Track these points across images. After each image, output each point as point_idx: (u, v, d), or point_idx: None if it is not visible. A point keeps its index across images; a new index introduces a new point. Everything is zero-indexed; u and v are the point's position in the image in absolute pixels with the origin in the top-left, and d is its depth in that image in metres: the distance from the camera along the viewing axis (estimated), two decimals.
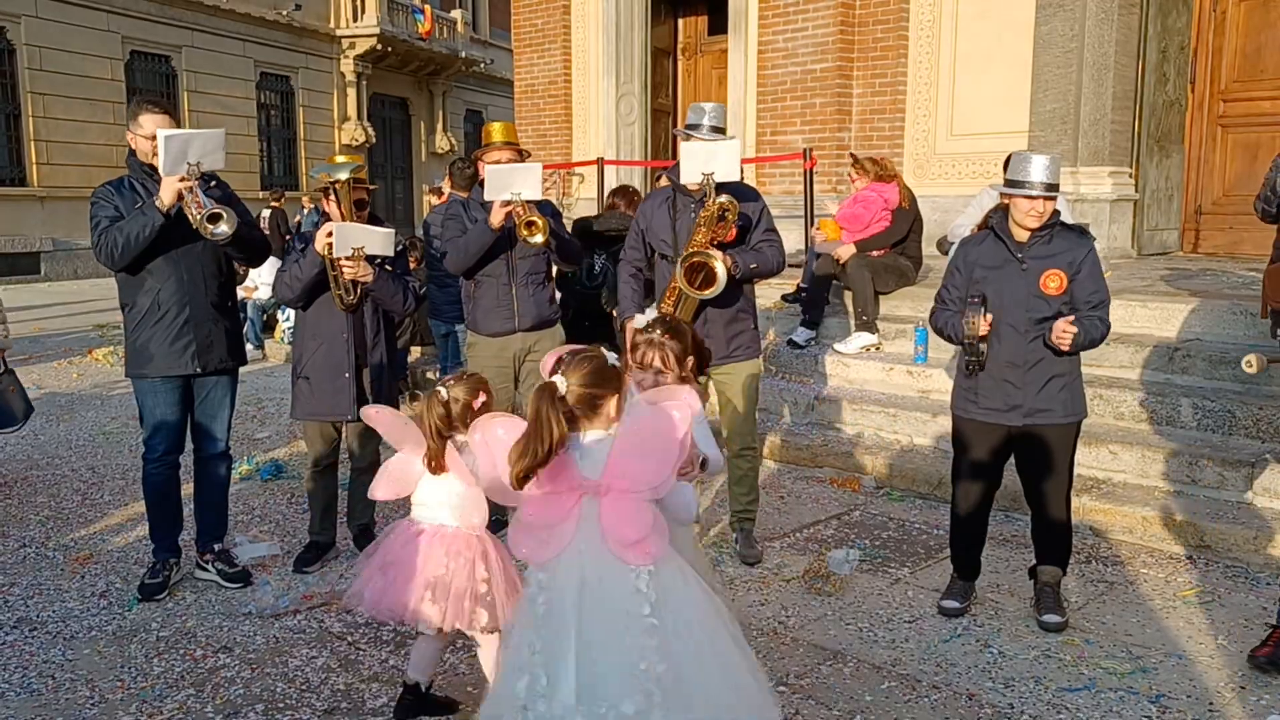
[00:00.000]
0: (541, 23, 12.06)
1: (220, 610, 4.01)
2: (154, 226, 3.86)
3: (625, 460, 2.33)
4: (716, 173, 4.13)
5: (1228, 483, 4.77)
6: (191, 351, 4.07)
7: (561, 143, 12.01)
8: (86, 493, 5.57)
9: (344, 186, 4.20)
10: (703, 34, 11.69)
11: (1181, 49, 8.23)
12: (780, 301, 7.52)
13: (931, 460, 5.52)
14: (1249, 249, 8.01)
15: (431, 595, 2.96)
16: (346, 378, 4.30)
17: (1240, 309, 5.74)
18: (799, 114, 9.55)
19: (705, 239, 4.15)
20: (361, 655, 3.61)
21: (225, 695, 3.34)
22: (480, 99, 28.92)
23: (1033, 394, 3.72)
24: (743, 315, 4.43)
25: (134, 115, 4.00)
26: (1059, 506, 3.85)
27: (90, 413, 7.59)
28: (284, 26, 22.05)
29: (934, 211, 7.82)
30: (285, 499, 5.46)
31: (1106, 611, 3.95)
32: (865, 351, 6.64)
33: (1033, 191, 3.63)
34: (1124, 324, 5.86)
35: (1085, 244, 3.77)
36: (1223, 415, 5.09)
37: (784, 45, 9.58)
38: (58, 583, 4.29)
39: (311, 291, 4.27)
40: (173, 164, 3.78)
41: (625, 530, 2.31)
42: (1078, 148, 7.95)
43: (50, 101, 17.46)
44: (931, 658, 3.58)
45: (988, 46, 8.64)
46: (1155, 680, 3.40)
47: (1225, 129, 8.26)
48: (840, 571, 4.28)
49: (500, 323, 4.67)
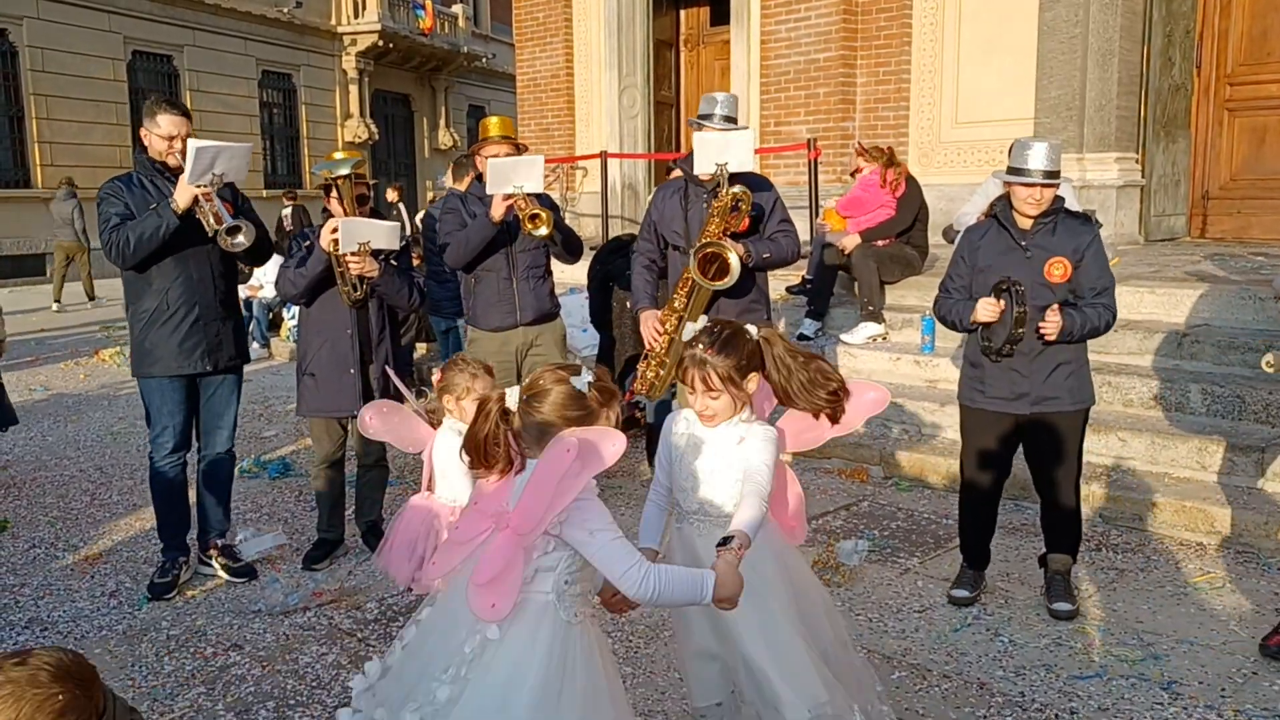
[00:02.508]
0: (543, 16, 12.04)
1: (230, 608, 4.02)
2: (169, 228, 3.88)
3: (526, 491, 2.04)
4: (730, 163, 4.12)
5: (1238, 468, 4.75)
6: (202, 350, 4.08)
7: (564, 136, 11.99)
8: (95, 493, 5.59)
9: (345, 182, 4.20)
10: (705, 25, 11.65)
11: (1187, 33, 8.18)
12: (785, 293, 7.50)
13: (940, 450, 5.50)
14: (1257, 233, 7.97)
15: (405, 557, 3.45)
16: (352, 374, 4.30)
17: (1249, 293, 5.71)
18: (803, 104, 9.52)
19: (719, 229, 4.14)
20: (372, 652, 3.61)
21: (236, 693, 3.34)
22: (483, 94, 28.89)
23: (1040, 382, 3.71)
24: (755, 306, 4.42)
25: (151, 114, 4.01)
26: (1068, 494, 3.84)
27: (98, 413, 7.60)
28: (285, 24, 22.04)
29: (939, 200, 7.79)
30: (293, 496, 5.47)
31: (1117, 599, 3.93)
32: (872, 342, 6.62)
33: (1032, 179, 3.60)
34: (1132, 310, 5.84)
35: (1089, 231, 3.74)
36: (1232, 401, 5.06)
37: (787, 35, 9.54)
38: (68, 583, 4.30)
39: (316, 288, 4.27)
40: (199, 174, 3.82)
41: (480, 571, 2.03)
42: (1083, 134, 7.90)
43: (53, 103, 17.49)
44: (942, 647, 3.57)
45: (991, 33, 8.59)
46: (1167, 667, 3.39)
47: (1232, 113, 8.20)
48: (849, 562, 4.28)
49: (501, 317, 4.66)
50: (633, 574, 2.02)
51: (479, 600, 2.01)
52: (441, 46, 25.58)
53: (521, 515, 2.01)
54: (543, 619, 2.07)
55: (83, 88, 17.90)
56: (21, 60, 17.10)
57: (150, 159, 4.04)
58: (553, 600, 2.08)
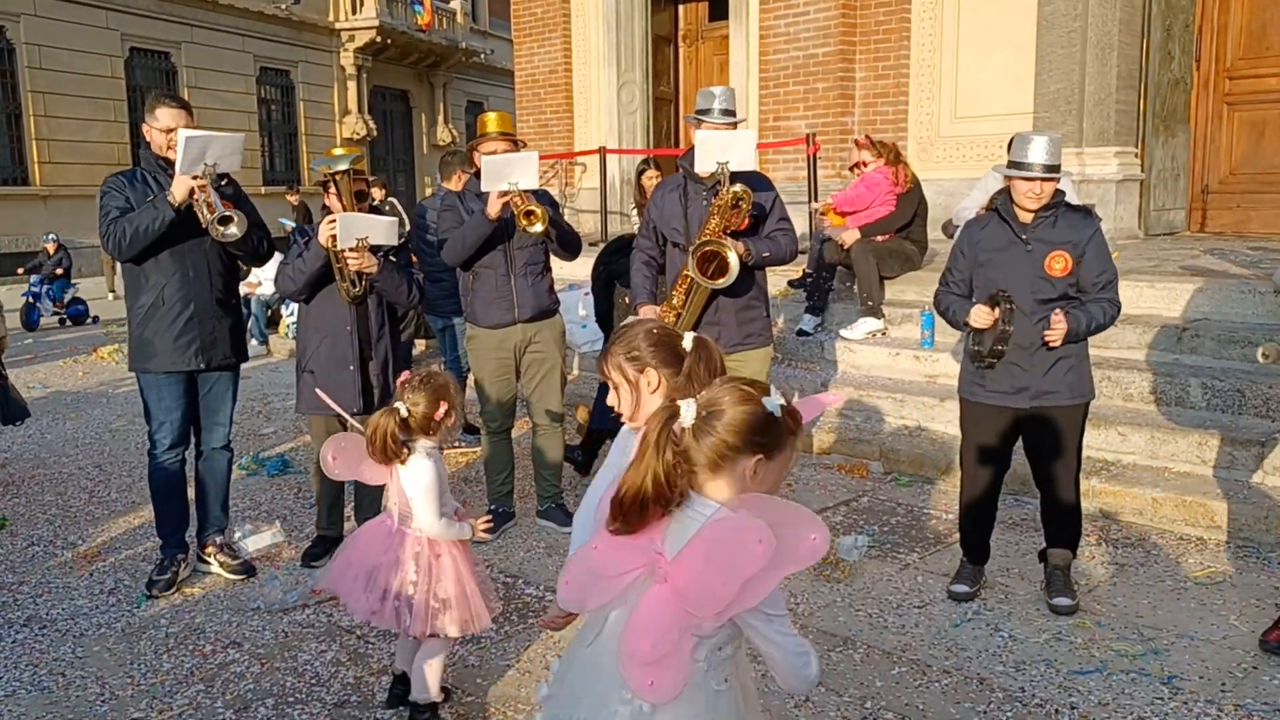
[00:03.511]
0: (541, 12, 12.02)
1: (229, 606, 4.01)
2: (165, 220, 3.87)
3: (696, 556, 1.71)
4: (732, 161, 4.10)
5: (1238, 462, 4.74)
6: (196, 347, 4.07)
7: (563, 132, 11.97)
8: (94, 490, 5.58)
9: (344, 178, 4.18)
10: (704, 20, 11.63)
11: (1186, 27, 8.16)
12: (787, 288, 7.50)
13: (939, 445, 5.50)
14: (1256, 227, 7.96)
15: (363, 586, 3.02)
16: (351, 370, 4.29)
17: (1248, 288, 5.70)
18: (801, 99, 9.50)
19: (718, 227, 4.12)
20: (370, 649, 3.61)
21: (235, 690, 3.34)
22: (481, 90, 28.86)
23: (1039, 376, 3.70)
24: (755, 303, 4.40)
25: (151, 109, 4.02)
26: (1068, 489, 3.83)
27: (96, 411, 7.60)
28: (283, 21, 22.01)
29: (939, 195, 7.78)
30: (292, 494, 5.46)
31: (1117, 594, 3.93)
32: (871, 337, 6.61)
33: (1031, 173, 3.60)
34: (1132, 305, 5.82)
35: (1090, 224, 3.73)
36: (1232, 395, 5.06)
37: (785, 30, 9.52)
38: (66, 580, 4.30)
39: (314, 285, 4.25)
40: (190, 164, 3.82)
41: (640, 640, 1.75)
42: (1083, 128, 7.89)
43: (51, 100, 17.46)
44: (942, 642, 3.56)
45: (990, 27, 8.58)
46: (1167, 662, 3.38)
47: (1231, 107, 8.19)
48: (849, 558, 4.27)
49: (500, 314, 4.65)
50: (801, 661, 1.78)
51: (637, 675, 1.75)
52: (440, 42, 25.55)
53: (692, 588, 1.71)
54: (696, 693, 1.82)
55: (80, 85, 17.88)
56: (19, 57, 17.07)
57: (154, 155, 4.05)
58: (703, 668, 1.82)
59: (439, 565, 3.03)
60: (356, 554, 3.10)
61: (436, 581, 3.01)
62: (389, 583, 3.00)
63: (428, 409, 3.01)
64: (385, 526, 3.10)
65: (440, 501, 3.03)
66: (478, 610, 3.05)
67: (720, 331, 4.19)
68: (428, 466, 3.01)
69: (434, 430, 3.05)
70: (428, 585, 3.00)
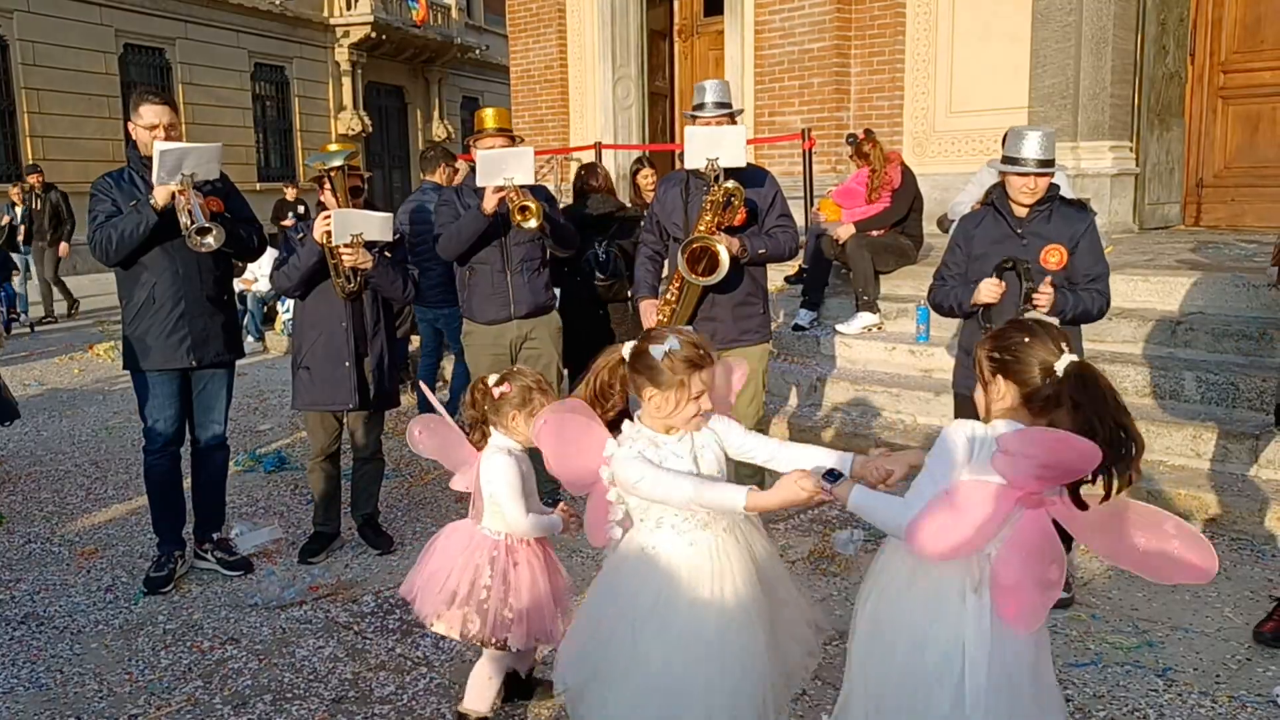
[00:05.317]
0: (536, 7, 12.00)
1: (226, 602, 4.02)
2: (149, 224, 3.86)
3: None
4: (721, 158, 4.09)
5: (1232, 455, 4.76)
6: (187, 345, 4.06)
7: (559, 128, 11.96)
8: (90, 487, 5.58)
9: (339, 174, 4.18)
10: (699, 15, 11.61)
11: (1181, 21, 8.17)
12: (783, 284, 7.50)
13: (935, 439, 5.49)
14: (1251, 221, 7.97)
15: (435, 589, 2.90)
16: (347, 367, 4.29)
17: (1243, 281, 5.71)
18: (797, 94, 9.50)
19: (710, 224, 4.11)
20: (368, 644, 3.62)
21: (233, 686, 3.34)
22: (476, 85, 28.79)
23: None
24: (752, 299, 4.37)
25: (134, 106, 4.00)
26: None
27: (92, 408, 7.59)
28: (277, 16, 21.93)
29: (934, 189, 7.78)
30: (289, 490, 5.46)
31: (1112, 586, 3.94)
32: (867, 332, 6.62)
33: (1026, 168, 3.61)
34: (1126, 298, 5.84)
35: (1084, 218, 3.74)
36: (1226, 388, 5.08)
37: (780, 24, 9.51)
38: (64, 578, 4.30)
39: (309, 281, 4.25)
40: (166, 175, 3.80)
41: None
42: (1077, 122, 7.90)
43: (45, 97, 17.39)
44: None
45: (985, 22, 8.58)
46: (1162, 654, 3.40)
47: (1225, 101, 8.20)
48: (845, 552, 4.28)
49: (496, 310, 4.65)
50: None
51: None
52: (434, 38, 25.48)
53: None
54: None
55: (74, 81, 17.81)
56: (12, 54, 17.00)
57: (139, 154, 4.02)
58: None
59: (516, 574, 2.90)
60: (435, 556, 3.00)
61: (512, 591, 2.89)
62: (459, 587, 2.88)
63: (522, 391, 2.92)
64: (466, 529, 3.01)
65: (525, 499, 2.91)
66: (550, 626, 2.92)
67: (716, 328, 4.18)
68: (506, 463, 2.90)
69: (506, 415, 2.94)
70: (503, 594, 2.88)
